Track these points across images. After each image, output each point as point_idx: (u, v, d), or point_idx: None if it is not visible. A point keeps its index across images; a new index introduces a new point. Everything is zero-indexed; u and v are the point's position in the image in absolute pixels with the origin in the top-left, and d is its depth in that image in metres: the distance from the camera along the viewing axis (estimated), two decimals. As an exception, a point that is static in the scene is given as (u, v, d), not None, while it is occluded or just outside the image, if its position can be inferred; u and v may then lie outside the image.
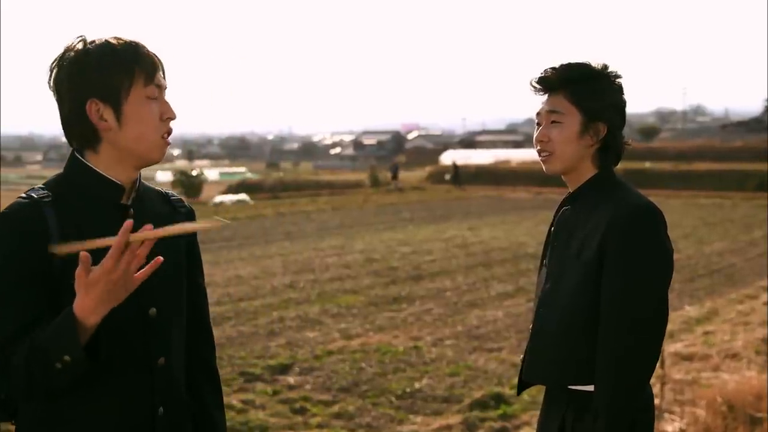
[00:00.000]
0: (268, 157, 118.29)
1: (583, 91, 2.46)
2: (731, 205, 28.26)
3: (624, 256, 2.34)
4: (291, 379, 7.03)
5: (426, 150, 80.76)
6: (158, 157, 2.01)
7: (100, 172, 1.97)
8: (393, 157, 75.71)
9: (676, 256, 2.45)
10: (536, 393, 6.36)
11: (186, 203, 2.22)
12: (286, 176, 54.62)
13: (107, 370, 1.89)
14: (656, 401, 5.69)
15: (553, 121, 2.48)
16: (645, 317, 2.34)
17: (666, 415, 5.79)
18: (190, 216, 2.18)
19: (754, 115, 71.93)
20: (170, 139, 2.05)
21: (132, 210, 2.00)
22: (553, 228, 2.58)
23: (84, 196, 1.97)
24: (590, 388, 2.40)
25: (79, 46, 1.95)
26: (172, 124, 2.03)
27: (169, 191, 2.21)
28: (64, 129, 1.99)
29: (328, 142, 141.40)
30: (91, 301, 1.75)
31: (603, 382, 2.34)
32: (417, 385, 6.85)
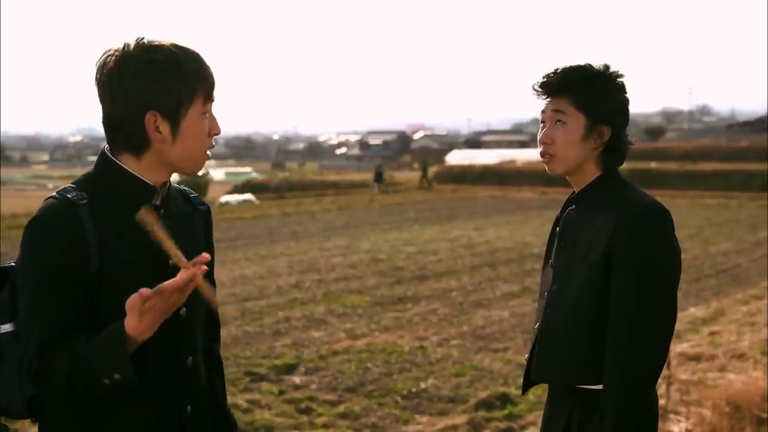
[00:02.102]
0: (273, 157, 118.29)
1: (587, 94, 2.46)
2: (737, 206, 28.21)
3: (632, 256, 2.34)
4: (297, 379, 7.04)
5: (431, 150, 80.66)
6: (197, 171, 2.06)
7: (135, 173, 1.98)
8: (399, 156, 75.74)
9: (681, 256, 2.46)
10: (542, 393, 6.35)
11: (204, 201, 2.25)
12: (292, 176, 54.69)
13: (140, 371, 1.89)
14: (662, 402, 5.68)
15: (557, 121, 2.48)
16: (653, 317, 2.34)
17: (672, 415, 5.79)
18: (207, 214, 2.23)
19: (761, 114, 71.68)
20: None
21: (162, 210, 2.02)
22: (558, 228, 2.58)
23: (118, 198, 1.97)
24: (597, 387, 2.41)
25: (143, 50, 1.92)
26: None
27: (188, 189, 2.25)
28: (109, 129, 1.98)
29: (334, 142, 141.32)
30: (143, 323, 1.77)
31: (611, 381, 2.35)
32: (422, 385, 6.85)
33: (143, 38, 1.94)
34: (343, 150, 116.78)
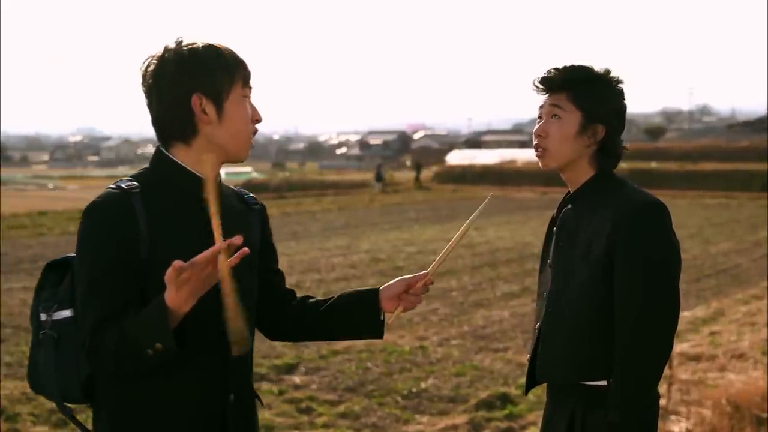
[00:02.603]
0: (273, 157, 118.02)
1: (585, 92, 2.49)
2: (737, 206, 28.23)
3: (632, 253, 2.35)
4: (297, 379, 7.04)
5: (432, 150, 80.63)
6: (244, 156, 2.15)
7: (186, 166, 2.09)
8: (399, 156, 75.78)
9: (681, 255, 2.46)
10: (542, 393, 6.32)
11: (257, 200, 2.34)
12: (292, 176, 54.57)
13: (185, 356, 1.98)
14: (663, 401, 5.68)
15: (554, 115, 2.50)
16: (656, 311, 2.36)
17: (672, 416, 5.79)
18: (263, 211, 2.33)
19: (761, 114, 71.64)
20: None
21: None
22: (555, 228, 2.59)
23: (169, 189, 2.08)
24: (599, 383, 2.42)
25: (182, 46, 2.07)
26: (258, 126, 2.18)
27: (242, 190, 2.34)
28: (158, 122, 2.09)
29: (334, 142, 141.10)
30: (181, 296, 1.85)
31: (621, 374, 2.36)
32: (423, 385, 6.85)
33: (180, 38, 2.09)
34: (343, 150, 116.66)
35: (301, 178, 51.15)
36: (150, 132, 2.18)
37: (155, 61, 2.07)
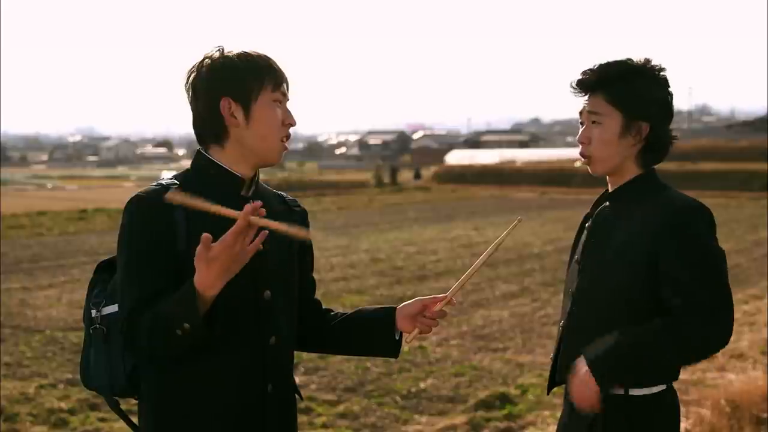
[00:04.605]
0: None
1: (622, 90, 2.42)
2: (737, 205, 28.24)
3: (687, 257, 2.31)
4: (296, 379, 7.01)
5: (431, 150, 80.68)
6: (276, 159, 2.23)
7: (223, 165, 2.19)
8: (398, 156, 75.79)
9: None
10: (540, 393, 6.37)
11: (299, 203, 2.41)
12: (292, 176, 54.41)
13: (224, 347, 2.11)
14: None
15: (593, 122, 2.45)
16: (721, 308, 2.29)
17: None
18: (303, 215, 2.40)
19: (761, 114, 71.65)
20: (176, 138, 2.13)
21: (252, 201, 2.14)
22: (588, 224, 2.53)
23: (208, 187, 2.15)
24: (618, 391, 2.36)
25: (219, 54, 2.19)
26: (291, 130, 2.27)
27: (284, 193, 2.41)
28: (195, 126, 2.22)
29: (333, 142, 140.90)
30: (211, 274, 1.93)
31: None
32: (422, 385, 6.85)
33: (221, 46, 2.21)
34: (342, 150, 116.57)
35: (300, 178, 51.07)
36: (148, 132, 2.22)
37: (195, 69, 2.19)
